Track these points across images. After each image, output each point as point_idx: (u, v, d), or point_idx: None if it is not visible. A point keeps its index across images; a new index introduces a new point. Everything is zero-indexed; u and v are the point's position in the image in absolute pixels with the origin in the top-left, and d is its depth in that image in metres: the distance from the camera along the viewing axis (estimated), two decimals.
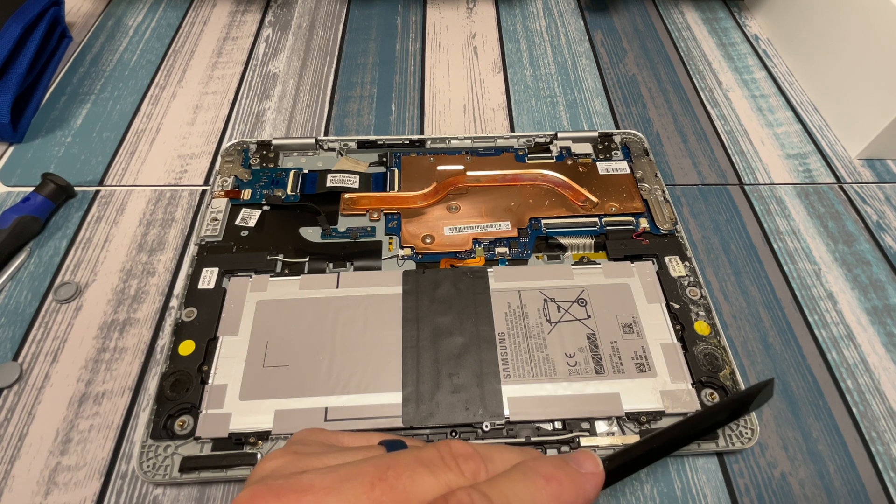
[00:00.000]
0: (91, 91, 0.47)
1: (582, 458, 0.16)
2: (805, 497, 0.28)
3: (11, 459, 0.28)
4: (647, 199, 0.38)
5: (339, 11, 0.56)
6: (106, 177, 0.41)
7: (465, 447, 0.15)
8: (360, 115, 0.46)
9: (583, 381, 0.30)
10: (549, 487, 0.14)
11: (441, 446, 0.15)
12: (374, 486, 0.14)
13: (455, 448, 0.15)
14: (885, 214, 0.40)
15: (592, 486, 0.15)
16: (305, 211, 0.37)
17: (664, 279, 0.34)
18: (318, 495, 0.14)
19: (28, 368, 0.31)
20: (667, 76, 0.50)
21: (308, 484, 0.14)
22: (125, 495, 0.27)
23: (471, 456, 0.15)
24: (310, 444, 0.18)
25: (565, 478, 0.15)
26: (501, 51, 0.53)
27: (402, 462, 0.14)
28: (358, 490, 0.14)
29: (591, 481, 0.15)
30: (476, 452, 0.15)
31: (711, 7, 0.58)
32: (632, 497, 0.28)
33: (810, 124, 0.47)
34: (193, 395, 0.29)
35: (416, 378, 0.29)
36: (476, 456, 0.15)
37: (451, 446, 0.15)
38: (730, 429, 0.29)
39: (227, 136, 0.44)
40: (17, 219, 0.35)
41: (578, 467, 0.15)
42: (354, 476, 0.14)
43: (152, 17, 0.54)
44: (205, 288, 0.33)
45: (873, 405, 0.31)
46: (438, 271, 0.34)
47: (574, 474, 0.15)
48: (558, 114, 0.47)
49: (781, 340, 0.34)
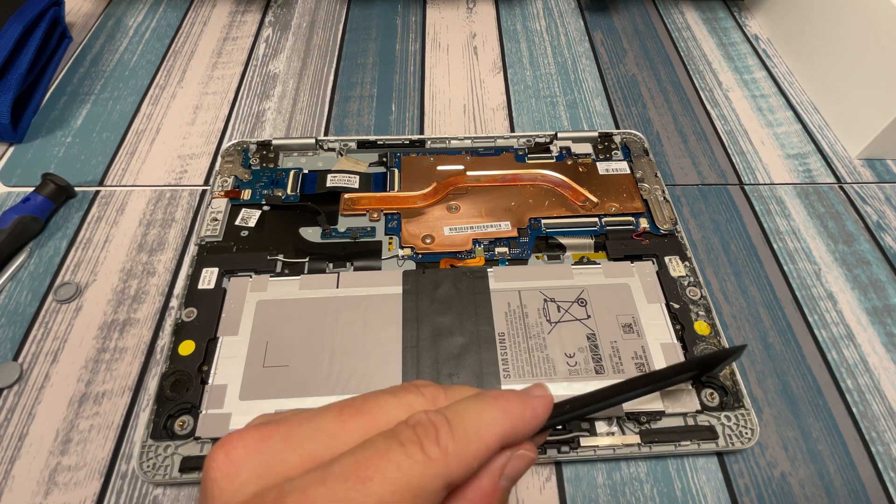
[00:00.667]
0: (91, 91, 0.47)
1: (532, 387, 0.18)
2: (805, 497, 0.28)
3: (11, 459, 0.28)
4: (647, 199, 0.38)
5: (339, 11, 0.56)
6: (106, 177, 0.41)
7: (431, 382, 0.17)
8: (360, 115, 0.46)
9: (583, 381, 0.30)
10: (498, 402, 0.16)
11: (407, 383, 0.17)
12: (342, 411, 0.15)
13: (419, 381, 0.17)
14: (885, 214, 0.40)
15: (541, 404, 0.17)
16: (305, 211, 0.38)
17: (664, 279, 0.34)
18: (292, 424, 0.15)
19: (28, 368, 0.31)
20: (667, 76, 0.50)
21: (282, 419, 0.16)
22: (125, 495, 0.27)
23: (431, 385, 0.17)
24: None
25: (514, 396, 0.16)
26: (501, 51, 0.53)
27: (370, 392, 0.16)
28: (329, 416, 0.15)
29: (540, 402, 0.17)
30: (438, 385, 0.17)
31: (711, 7, 0.58)
32: (632, 497, 0.28)
33: (810, 124, 0.47)
34: (193, 395, 0.29)
35: (416, 378, 0.29)
36: (437, 386, 0.17)
37: (416, 381, 0.17)
38: (730, 429, 0.29)
39: (227, 137, 0.44)
40: (17, 219, 0.35)
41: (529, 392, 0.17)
42: (325, 408, 0.16)
43: (152, 18, 0.54)
44: (205, 288, 0.33)
45: (873, 405, 0.31)
46: (438, 271, 0.34)
47: (523, 394, 0.17)
48: (558, 114, 0.47)
49: (781, 340, 0.34)
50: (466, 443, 0.15)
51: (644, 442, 0.28)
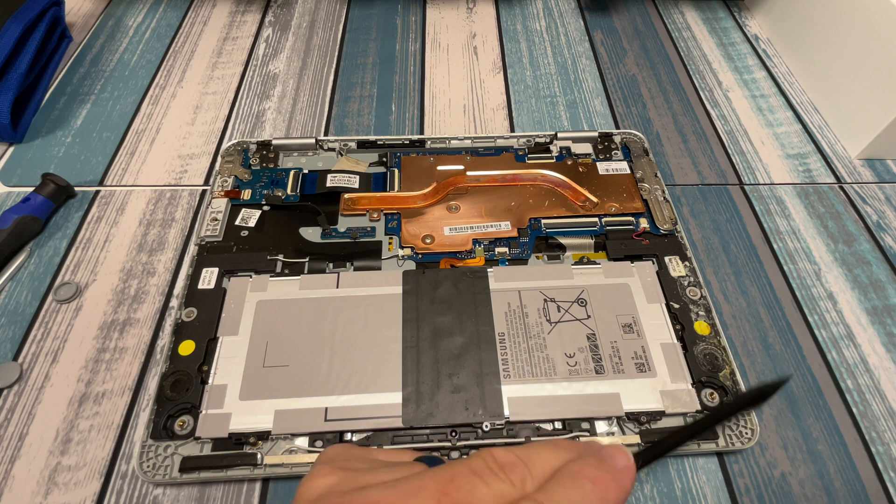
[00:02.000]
0: (91, 91, 0.47)
1: (615, 454, 0.17)
2: (805, 497, 0.28)
3: (11, 459, 0.28)
4: (647, 199, 0.38)
5: (339, 11, 0.56)
6: (106, 177, 0.41)
7: (508, 455, 0.16)
8: (360, 115, 0.46)
9: (583, 381, 0.30)
10: (597, 490, 0.15)
11: (485, 456, 0.16)
12: (440, 501, 0.14)
13: (499, 457, 0.16)
14: (885, 214, 0.40)
15: (629, 479, 0.16)
16: (305, 211, 0.37)
17: (664, 279, 0.34)
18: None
19: (28, 368, 0.31)
20: (667, 76, 0.50)
21: (374, 499, 0.15)
22: (125, 495, 0.27)
23: (515, 464, 0.15)
24: (352, 459, 0.18)
25: (607, 477, 0.15)
26: (501, 51, 0.53)
27: (460, 473, 0.15)
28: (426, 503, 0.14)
29: (627, 475, 0.16)
30: (518, 459, 0.16)
31: (711, 7, 0.58)
32: (632, 497, 0.28)
33: (810, 124, 0.47)
34: (193, 395, 0.29)
35: (416, 378, 0.29)
36: (519, 463, 0.16)
37: (495, 455, 0.16)
38: (730, 429, 0.29)
39: (227, 136, 0.44)
40: (17, 219, 0.35)
41: (614, 463, 0.16)
42: (417, 491, 0.15)
43: (152, 18, 0.54)
44: (205, 288, 0.33)
45: (873, 405, 0.31)
46: (438, 271, 0.34)
47: (613, 471, 0.16)
48: (558, 114, 0.47)
49: (781, 340, 0.34)
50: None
51: (644, 442, 0.28)
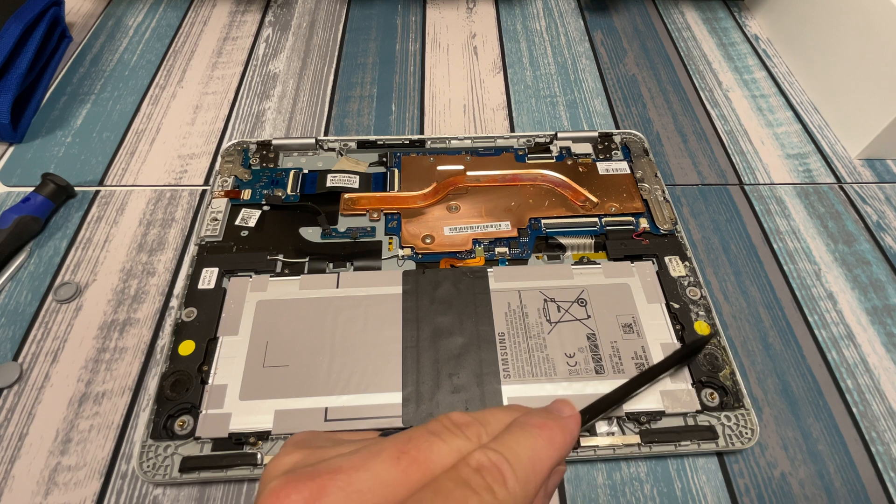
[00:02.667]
0: (91, 91, 0.47)
1: (561, 405, 0.19)
2: (805, 497, 0.28)
3: (11, 459, 0.28)
4: (647, 199, 0.38)
5: (339, 11, 0.56)
6: (106, 177, 0.41)
7: (464, 416, 0.17)
8: (360, 115, 0.46)
9: (583, 381, 0.30)
10: (543, 433, 0.17)
11: (443, 419, 0.17)
12: (399, 459, 0.15)
13: (455, 418, 0.17)
14: (885, 214, 0.40)
15: (574, 425, 0.18)
16: (305, 211, 0.37)
17: (664, 279, 0.34)
18: (349, 473, 0.15)
19: (28, 368, 0.31)
20: (667, 76, 0.50)
21: (336, 466, 0.15)
22: (125, 495, 0.27)
23: (471, 423, 0.17)
24: (317, 439, 0.19)
25: (554, 423, 0.17)
26: (501, 51, 0.53)
27: (417, 435, 0.16)
28: (385, 464, 0.15)
29: (573, 421, 0.18)
30: (474, 419, 0.17)
31: (711, 7, 0.58)
32: (632, 497, 0.28)
33: (810, 124, 0.47)
34: (193, 395, 0.29)
35: (416, 378, 0.29)
36: (475, 422, 0.17)
37: (451, 417, 0.17)
38: (730, 429, 0.29)
39: (227, 136, 0.44)
40: (17, 219, 0.35)
41: (560, 413, 0.18)
42: (378, 453, 0.15)
43: (152, 17, 0.54)
44: (205, 288, 0.33)
45: (873, 405, 0.31)
46: (438, 271, 0.34)
47: (559, 418, 0.18)
48: (558, 114, 0.47)
49: (781, 340, 0.34)
50: (527, 481, 0.15)
51: (644, 442, 0.28)
